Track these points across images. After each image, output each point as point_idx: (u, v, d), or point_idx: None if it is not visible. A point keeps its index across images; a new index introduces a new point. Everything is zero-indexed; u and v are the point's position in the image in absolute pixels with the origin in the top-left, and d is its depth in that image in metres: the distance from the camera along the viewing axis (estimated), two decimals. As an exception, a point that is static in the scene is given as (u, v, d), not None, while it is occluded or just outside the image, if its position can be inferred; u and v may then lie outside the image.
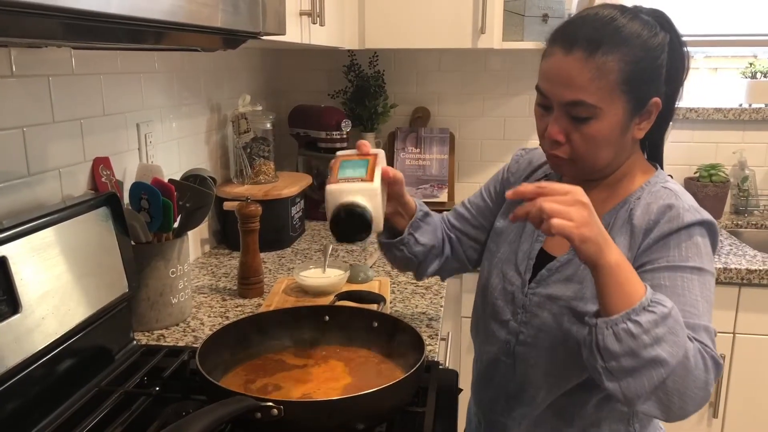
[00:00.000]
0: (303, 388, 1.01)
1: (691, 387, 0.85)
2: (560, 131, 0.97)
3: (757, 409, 1.99)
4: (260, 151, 2.00)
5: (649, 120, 1.00)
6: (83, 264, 1.07)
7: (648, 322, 0.83)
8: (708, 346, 0.88)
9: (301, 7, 1.49)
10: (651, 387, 0.84)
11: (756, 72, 2.42)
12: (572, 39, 0.94)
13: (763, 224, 2.39)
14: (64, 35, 0.80)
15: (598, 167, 1.01)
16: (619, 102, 0.94)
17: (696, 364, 0.85)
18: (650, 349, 0.83)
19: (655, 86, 0.97)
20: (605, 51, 0.92)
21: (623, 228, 1.00)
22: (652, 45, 0.95)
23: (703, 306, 0.91)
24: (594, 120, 0.95)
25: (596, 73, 0.93)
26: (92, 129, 1.34)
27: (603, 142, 0.97)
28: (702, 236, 0.95)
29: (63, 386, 1.03)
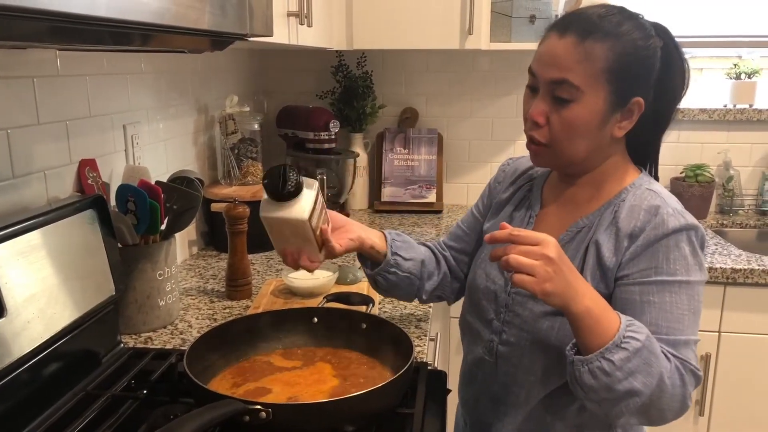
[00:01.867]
0: (291, 390, 1.01)
1: (668, 402, 0.91)
2: (541, 113, 0.99)
3: (742, 407, 2.01)
4: (248, 152, 2.00)
5: (631, 120, 1.01)
6: (69, 267, 1.06)
7: (621, 360, 0.87)
8: (687, 361, 0.93)
9: (288, 8, 1.49)
10: (629, 411, 0.91)
11: (740, 73, 2.45)
12: (567, 25, 0.98)
13: (748, 224, 2.41)
14: (50, 38, 0.79)
15: (574, 158, 1.02)
16: (601, 90, 0.96)
17: (673, 383, 0.90)
18: (625, 383, 0.88)
19: (640, 86, 0.99)
20: (596, 38, 0.96)
21: (608, 230, 1.01)
22: (642, 45, 0.98)
23: (689, 319, 0.95)
24: (575, 103, 0.97)
25: (584, 56, 0.95)
26: (78, 130, 1.33)
27: (580, 130, 0.98)
28: (689, 242, 0.96)
29: (49, 390, 1.02)
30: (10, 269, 0.94)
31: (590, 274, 0.99)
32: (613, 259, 0.98)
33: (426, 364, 1.17)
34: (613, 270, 0.98)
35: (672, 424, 2.12)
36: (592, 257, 1.00)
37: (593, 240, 1.01)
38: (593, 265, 1.00)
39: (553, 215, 1.10)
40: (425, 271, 1.21)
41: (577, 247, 1.03)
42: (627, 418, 0.93)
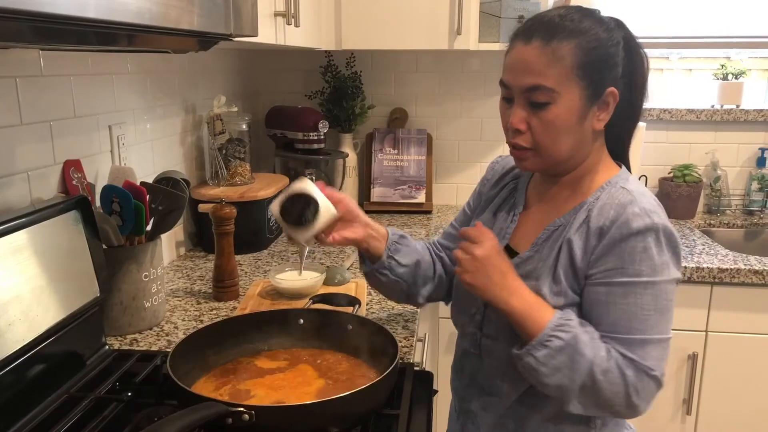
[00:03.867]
0: (276, 392, 1.01)
1: (611, 398, 0.96)
2: (521, 120, 1.01)
3: (729, 406, 2.02)
4: (236, 153, 1.99)
5: (608, 111, 1.03)
6: (53, 268, 1.05)
7: (543, 356, 0.95)
8: (637, 360, 0.96)
9: (275, 8, 1.49)
10: (579, 402, 0.97)
11: (727, 73, 2.46)
12: (530, 32, 1.00)
13: (735, 223, 2.43)
14: (33, 38, 0.79)
15: (559, 157, 1.04)
16: (575, 87, 0.99)
17: (608, 379, 0.95)
18: (552, 378, 0.96)
19: (610, 76, 1.01)
20: (560, 39, 0.98)
21: (580, 229, 1.02)
22: (606, 38, 1.01)
23: (654, 319, 0.98)
24: (552, 105, 0.99)
25: (552, 58, 0.98)
26: (63, 131, 1.32)
27: (562, 128, 1.00)
28: (656, 242, 0.97)
29: (32, 392, 1.01)
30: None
31: (563, 273, 1.02)
32: (582, 258, 1.01)
33: (413, 364, 1.17)
34: (583, 269, 1.01)
35: (659, 422, 2.13)
36: (564, 256, 1.02)
37: (566, 239, 1.03)
38: (566, 264, 1.02)
39: (535, 215, 1.12)
40: (420, 277, 1.22)
41: (551, 246, 1.05)
42: (582, 410, 0.98)
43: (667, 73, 2.66)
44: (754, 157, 2.48)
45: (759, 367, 1.98)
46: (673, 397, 2.04)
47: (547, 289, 1.02)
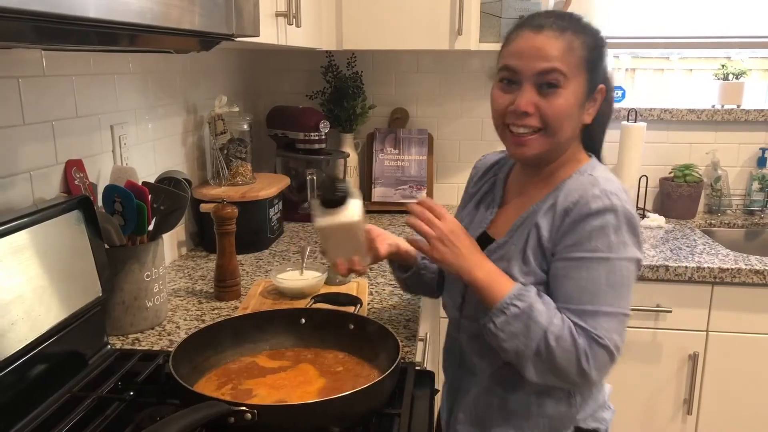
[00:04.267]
0: (278, 391, 1.01)
1: (561, 365, 1.01)
2: (529, 102, 1.06)
3: (730, 406, 2.02)
4: (237, 153, 1.99)
5: (596, 106, 1.12)
6: (55, 268, 1.06)
7: (501, 323, 1.03)
8: (589, 329, 1.01)
9: (276, 8, 1.49)
10: (524, 369, 1.04)
11: (728, 73, 2.46)
12: (540, 23, 1.08)
13: (736, 223, 2.43)
14: (35, 38, 0.79)
15: (562, 139, 1.10)
16: (581, 77, 1.07)
17: (560, 345, 1.00)
18: (509, 343, 1.03)
19: (601, 75, 1.11)
20: (572, 33, 1.06)
21: (548, 213, 1.09)
22: (601, 39, 1.11)
23: (607, 293, 1.03)
24: (562, 89, 1.05)
25: (567, 47, 1.05)
26: (65, 131, 1.32)
27: (568, 112, 1.07)
28: (614, 221, 1.03)
29: (35, 392, 1.01)
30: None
31: (532, 254, 1.08)
32: (550, 238, 1.08)
33: (414, 364, 1.17)
34: (549, 249, 1.08)
35: (660, 422, 2.13)
36: (533, 238, 1.09)
37: (534, 223, 1.10)
38: (534, 245, 1.08)
39: (513, 206, 1.19)
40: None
41: (522, 231, 1.11)
42: (538, 377, 1.04)
43: (668, 73, 2.66)
44: (755, 157, 2.48)
45: (760, 367, 1.98)
46: (674, 397, 2.04)
47: (517, 270, 1.09)
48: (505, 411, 1.15)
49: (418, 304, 1.52)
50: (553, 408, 1.13)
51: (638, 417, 2.07)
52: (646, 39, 2.54)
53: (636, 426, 2.08)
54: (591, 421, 1.17)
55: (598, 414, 1.18)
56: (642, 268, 1.91)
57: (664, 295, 1.95)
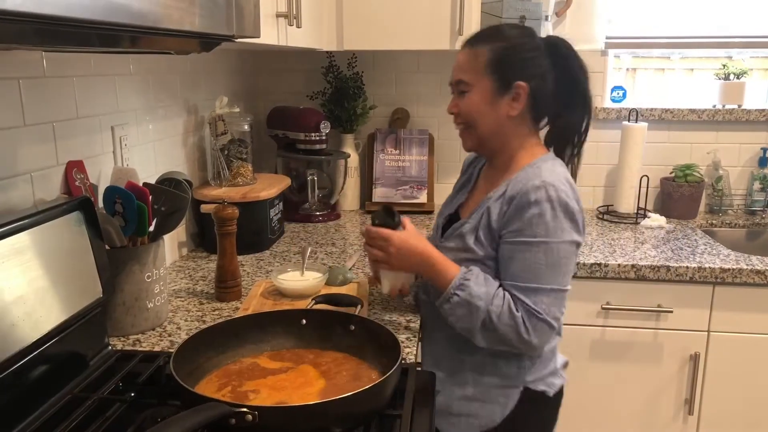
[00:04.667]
0: (279, 392, 1.01)
1: (504, 335, 1.22)
2: (453, 105, 1.34)
3: (731, 406, 2.02)
4: (238, 153, 1.99)
5: (519, 101, 1.28)
6: (56, 269, 1.06)
7: (448, 309, 1.26)
8: (528, 304, 1.21)
9: (277, 8, 1.49)
10: (474, 339, 1.26)
11: (729, 73, 2.46)
12: (466, 40, 1.34)
13: (737, 223, 2.42)
14: (36, 40, 0.79)
15: (485, 134, 1.32)
16: (486, 80, 1.28)
17: (500, 319, 1.21)
18: (456, 324, 1.27)
19: (521, 73, 1.27)
20: (480, 43, 1.30)
21: (498, 199, 1.28)
22: (521, 42, 1.28)
23: (545, 271, 1.22)
24: (468, 93, 1.30)
25: (472, 57, 1.30)
26: (65, 132, 1.32)
27: (477, 111, 1.30)
28: (550, 210, 1.21)
29: (36, 393, 1.01)
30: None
31: (482, 233, 1.29)
32: (498, 221, 1.27)
33: (415, 365, 1.17)
34: (496, 231, 1.27)
35: (661, 422, 2.13)
36: (484, 220, 1.29)
37: (487, 207, 1.29)
38: (485, 226, 1.28)
39: (479, 191, 1.41)
40: None
41: (478, 213, 1.31)
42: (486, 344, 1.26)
43: (669, 73, 2.65)
44: (756, 156, 2.48)
45: (761, 367, 1.98)
46: (675, 397, 2.04)
47: (471, 242, 1.30)
48: (462, 366, 1.36)
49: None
50: (504, 368, 1.33)
51: (639, 417, 2.06)
52: (647, 39, 2.53)
53: (637, 426, 2.08)
54: (540, 384, 1.35)
55: (548, 379, 1.37)
56: (643, 269, 1.91)
57: (665, 295, 1.95)
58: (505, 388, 1.34)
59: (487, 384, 1.34)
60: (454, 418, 1.36)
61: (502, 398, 1.33)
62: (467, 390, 1.35)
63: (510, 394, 1.33)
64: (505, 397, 1.33)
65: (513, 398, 1.33)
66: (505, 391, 1.34)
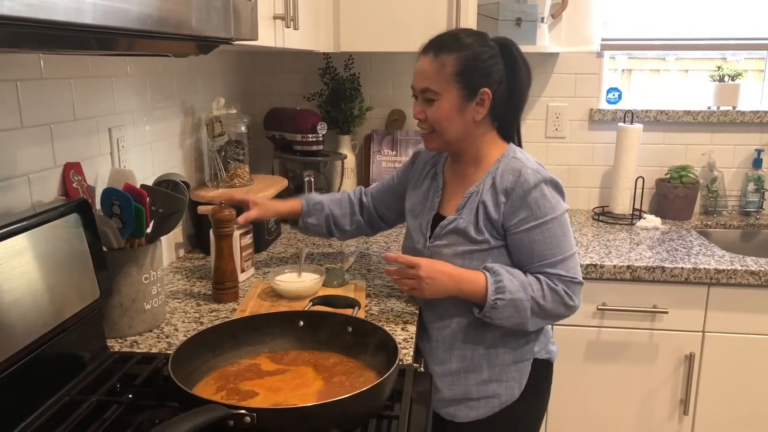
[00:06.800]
0: (276, 394, 1.01)
1: (553, 311, 1.34)
2: (420, 112, 1.40)
3: (726, 406, 2.03)
4: (235, 155, 1.99)
5: (484, 106, 1.37)
6: (54, 271, 1.06)
7: (496, 315, 1.33)
8: (563, 274, 1.33)
9: (274, 11, 1.49)
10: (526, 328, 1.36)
11: (723, 75, 2.47)
12: (427, 47, 1.39)
13: (731, 224, 2.44)
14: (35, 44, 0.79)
15: (451, 138, 1.40)
16: (453, 89, 1.35)
17: (546, 299, 1.32)
18: (507, 323, 1.35)
19: (484, 80, 1.35)
20: (446, 53, 1.35)
21: (489, 191, 1.37)
22: (481, 51, 1.35)
23: (563, 241, 1.34)
24: (437, 101, 1.36)
25: (439, 66, 1.35)
26: (63, 134, 1.32)
27: (446, 118, 1.37)
28: (548, 189, 1.34)
29: (33, 395, 1.01)
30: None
31: (483, 224, 1.36)
32: (495, 212, 1.35)
33: (412, 366, 1.18)
34: (498, 221, 1.36)
35: (656, 422, 2.13)
36: (482, 214, 1.37)
37: (480, 201, 1.38)
38: (483, 219, 1.36)
39: (452, 188, 1.48)
40: (334, 227, 1.69)
41: (470, 208, 1.39)
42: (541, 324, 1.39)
43: (664, 75, 2.67)
44: (751, 158, 2.49)
45: (756, 368, 1.99)
46: (670, 398, 2.05)
47: (475, 235, 1.37)
48: (474, 353, 1.43)
49: (416, 307, 1.53)
50: (513, 344, 1.43)
51: (635, 417, 2.07)
52: (642, 40, 2.55)
53: (632, 426, 2.08)
54: (544, 353, 1.47)
55: (548, 347, 1.49)
56: (638, 269, 1.92)
57: (660, 296, 1.96)
58: (517, 362, 1.43)
59: (500, 364, 1.43)
60: (473, 402, 1.44)
61: (517, 373, 1.44)
62: (483, 374, 1.43)
63: (523, 367, 1.44)
64: (518, 371, 1.44)
65: (526, 371, 1.44)
66: (518, 365, 1.44)
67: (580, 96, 2.53)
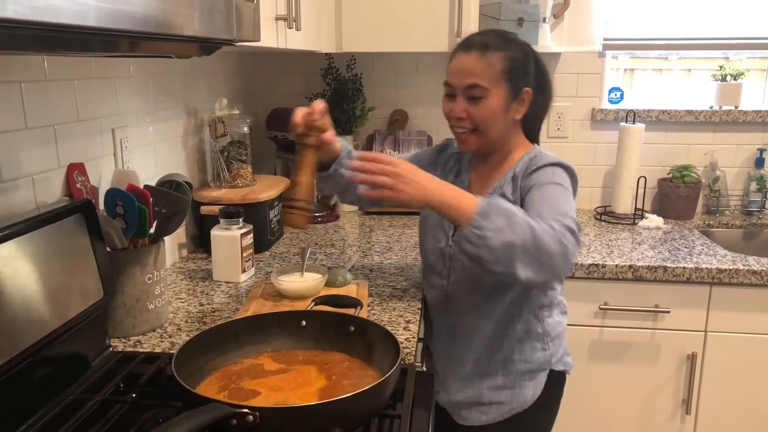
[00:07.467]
0: (278, 393, 1.02)
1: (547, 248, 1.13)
2: (462, 110, 1.36)
3: (728, 406, 2.03)
4: (237, 155, 2.00)
5: (524, 105, 1.38)
6: (58, 271, 1.06)
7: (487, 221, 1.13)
8: (565, 223, 1.17)
9: (276, 12, 1.50)
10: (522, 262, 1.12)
11: (726, 74, 2.47)
12: (469, 45, 1.37)
13: (734, 224, 2.44)
14: (39, 47, 0.80)
15: (494, 138, 1.39)
16: (502, 87, 1.34)
17: (543, 229, 1.14)
18: (497, 239, 1.12)
19: (526, 79, 1.37)
20: (494, 50, 1.34)
21: (510, 183, 1.39)
22: (522, 51, 1.37)
23: (564, 203, 1.26)
24: (485, 99, 1.34)
25: (487, 64, 1.33)
26: (66, 135, 1.33)
27: (493, 116, 1.35)
28: (561, 170, 1.33)
29: (37, 395, 1.02)
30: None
31: None
32: (513, 197, 1.36)
33: (414, 365, 1.18)
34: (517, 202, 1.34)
35: (658, 422, 2.13)
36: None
37: (501, 193, 1.38)
38: None
39: (476, 183, 1.48)
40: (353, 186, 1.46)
41: None
42: (528, 272, 1.13)
43: (666, 74, 2.67)
44: (753, 157, 2.49)
45: (758, 367, 1.99)
46: (673, 397, 2.05)
47: None
48: (490, 357, 1.43)
49: (418, 306, 1.53)
50: (530, 354, 1.42)
51: (637, 417, 2.07)
52: (644, 40, 2.55)
53: (634, 426, 2.09)
54: (560, 365, 1.47)
55: (564, 359, 1.48)
56: (640, 269, 1.92)
57: (662, 295, 1.96)
58: (533, 372, 1.43)
59: (516, 372, 1.43)
60: (484, 407, 1.45)
61: (531, 383, 1.43)
62: (497, 380, 1.44)
63: (537, 377, 1.44)
64: (533, 381, 1.44)
65: (540, 381, 1.44)
66: (533, 375, 1.44)
67: (582, 96, 2.53)
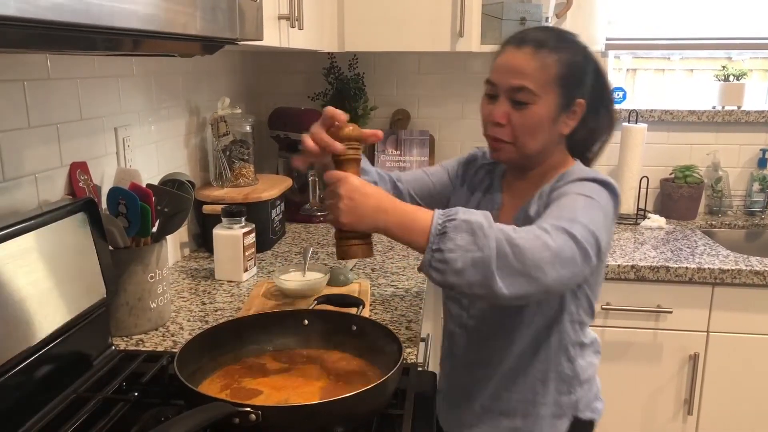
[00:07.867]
0: (281, 392, 1.02)
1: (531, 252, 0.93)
2: (503, 114, 1.15)
3: (731, 406, 2.03)
4: (240, 154, 2.00)
5: (575, 118, 1.17)
6: (60, 270, 1.07)
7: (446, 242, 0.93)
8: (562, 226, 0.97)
9: (279, 11, 1.50)
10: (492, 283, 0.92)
11: (729, 75, 2.47)
12: (523, 39, 1.15)
13: (736, 224, 2.43)
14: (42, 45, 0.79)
15: (531, 152, 1.17)
16: (553, 94, 1.13)
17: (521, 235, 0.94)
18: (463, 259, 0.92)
19: (581, 90, 1.16)
20: (549, 50, 1.13)
21: (536, 202, 1.17)
22: (582, 56, 1.16)
23: (583, 214, 1.01)
24: (532, 105, 1.13)
25: (540, 65, 1.12)
26: (69, 133, 1.33)
27: (537, 127, 1.14)
28: (596, 186, 1.09)
29: (40, 393, 1.02)
30: (1, 273, 0.94)
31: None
32: (537, 212, 1.15)
33: (416, 365, 1.18)
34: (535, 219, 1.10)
35: (660, 422, 2.13)
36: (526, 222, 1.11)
37: (526, 215, 1.18)
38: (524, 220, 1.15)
39: (509, 202, 1.27)
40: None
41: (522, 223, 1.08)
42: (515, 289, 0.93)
43: (669, 74, 2.66)
44: (756, 158, 2.49)
45: (760, 368, 1.99)
46: (675, 397, 2.05)
47: None
48: (510, 397, 1.25)
49: (420, 305, 1.53)
50: (555, 397, 1.23)
51: (639, 417, 2.07)
52: (647, 40, 2.54)
53: (636, 426, 2.08)
54: (588, 412, 1.27)
55: (593, 404, 1.29)
56: (642, 269, 1.92)
57: (664, 295, 1.96)
58: (555, 418, 1.25)
59: (536, 415, 1.25)
60: None
61: (552, 429, 1.26)
62: (516, 422, 1.27)
63: (560, 425, 1.26)
64: (554, 428, 1.26)
65: (562, 428, 1.26)
66: (554, 422, 1.26)
67: (584, 96, 2.53)
